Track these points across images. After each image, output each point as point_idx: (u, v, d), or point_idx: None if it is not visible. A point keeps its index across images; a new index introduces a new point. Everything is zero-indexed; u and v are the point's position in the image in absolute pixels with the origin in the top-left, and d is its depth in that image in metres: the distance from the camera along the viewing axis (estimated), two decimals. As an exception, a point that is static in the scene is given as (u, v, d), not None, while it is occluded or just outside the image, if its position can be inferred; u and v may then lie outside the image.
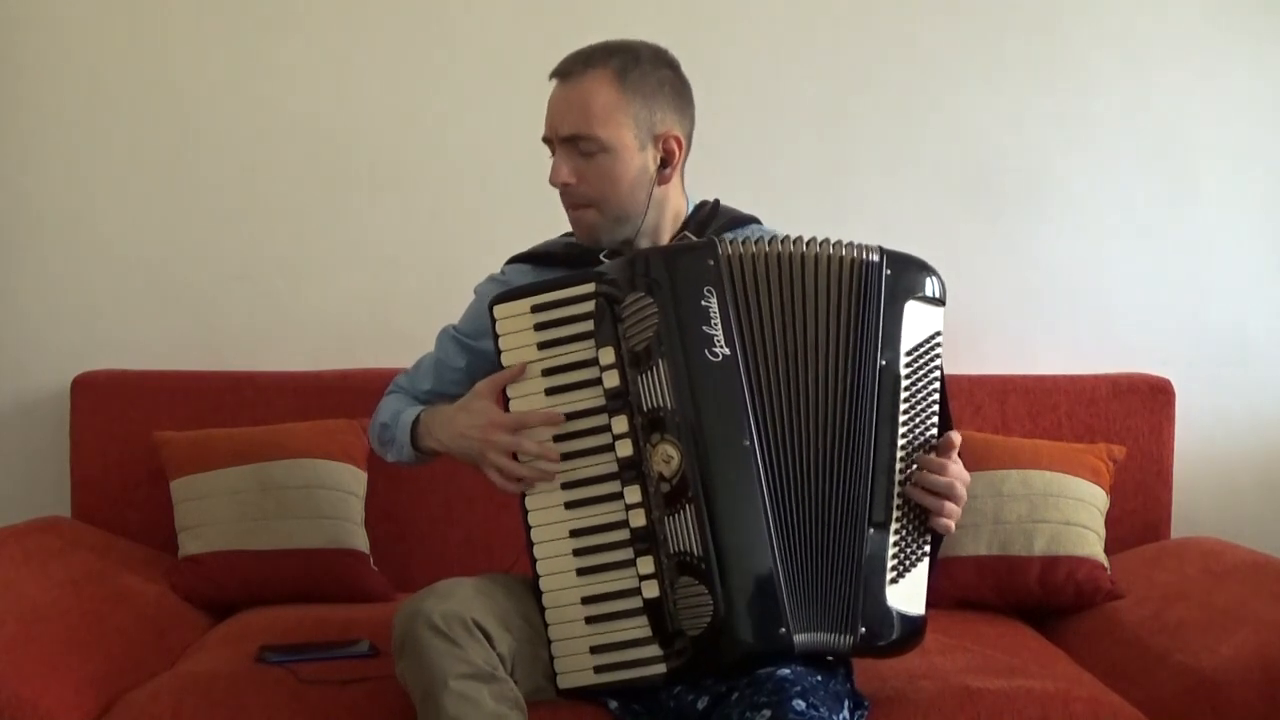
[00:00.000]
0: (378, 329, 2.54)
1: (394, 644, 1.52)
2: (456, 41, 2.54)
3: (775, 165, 2.54)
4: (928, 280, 1.58)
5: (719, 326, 1.50)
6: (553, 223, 1.82)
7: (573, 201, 1.69)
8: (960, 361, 2.46)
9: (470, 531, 2.34)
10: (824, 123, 2.56)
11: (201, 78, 2.54)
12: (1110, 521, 2.26)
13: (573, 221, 1.72)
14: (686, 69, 1.71)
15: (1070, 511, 2.19)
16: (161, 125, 2.54)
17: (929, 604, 1.54)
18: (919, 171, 2.57)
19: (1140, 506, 2.40)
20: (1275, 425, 2.59)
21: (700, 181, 1.82)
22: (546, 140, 1.69)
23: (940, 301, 1.59)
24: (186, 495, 2.24)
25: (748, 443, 1.49)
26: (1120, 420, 2.40)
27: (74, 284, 2.55)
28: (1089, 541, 2.19)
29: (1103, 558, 2.19)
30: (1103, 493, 2.25)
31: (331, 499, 2.22)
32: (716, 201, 1.81)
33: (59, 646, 1.79)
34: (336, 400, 2.36)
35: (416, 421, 1.75)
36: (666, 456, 1.49)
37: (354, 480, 2.26)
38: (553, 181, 1.68)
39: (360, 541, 2.24)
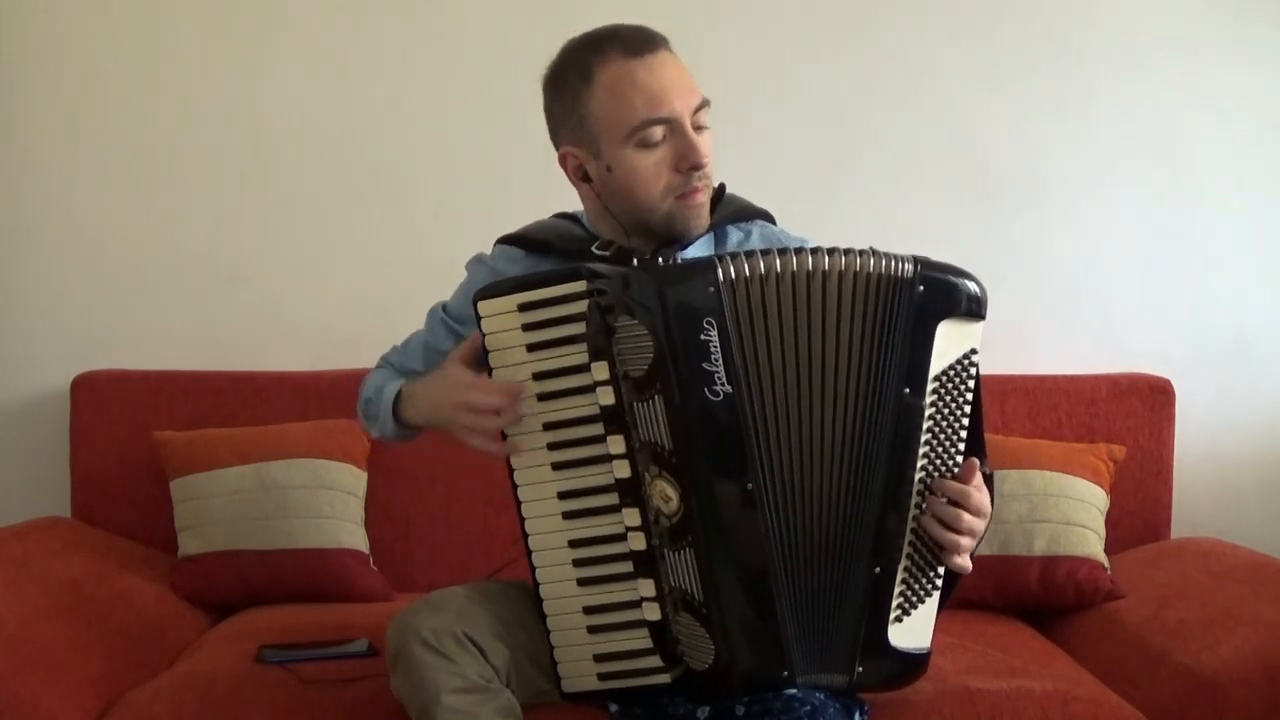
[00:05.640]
0: (378, 329, 2.51)
1: (388, 659, 1.49)
2: (456, 41, 2.53)
3: (774, 164, 2.54)
4: (965, 296, 1.44)
5: (719, 362, 1.37)
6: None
7: (705, 182, 1.54)
8: (960, 361, 2.46)
9: (470, 531, 2.34)
10: (824, 122, 2.55)
11: (201, 78, 2.54)
12: (1110, 521, 2.26)
13: (697, 211, 1.55)
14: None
15: (1070, 511, 2.19)
16: (161, 125, 2.54)
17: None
18: (919, 171, 2.57)
19: (1140, 506, 2.39)
20: (1275, 425, 2.59)
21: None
22: (660, 122, 1.50)
23: (979, 316, 1.46)
24: (186, 495, 2.24)
25: (750, 485, 1.39)
26: (1120, 420, 2.39)
27: (74, 284, 2.55)
28: (1089, 541, 2.19)
29: (1103, 558, 2.19)
30: (1103, 493, 2.25)
31: (331, 499, 2.22)
32: (723, 186, 1.67)
33: (59, 646, 1.79)
34: (336, 400, 2.35)
35: (398, 396, 1.68)
36: (665, 495, 1.40)
37: (354, 480, 2.26)
38: (701, 162, 1.50)
39: (360, 541, 2.24)
